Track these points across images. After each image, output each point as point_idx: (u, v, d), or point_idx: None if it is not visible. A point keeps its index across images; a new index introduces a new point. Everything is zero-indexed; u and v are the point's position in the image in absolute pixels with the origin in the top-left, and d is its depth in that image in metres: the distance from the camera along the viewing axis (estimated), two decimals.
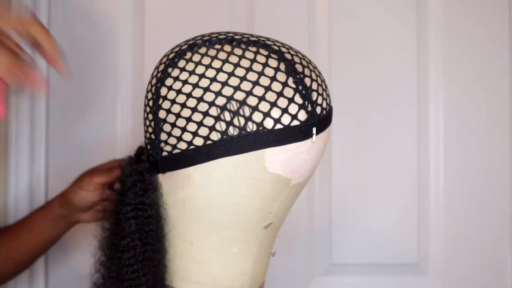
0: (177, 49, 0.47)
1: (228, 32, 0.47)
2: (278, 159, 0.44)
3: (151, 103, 0.47)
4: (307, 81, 0.45)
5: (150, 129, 0.47)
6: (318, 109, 0.45)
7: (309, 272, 1.02)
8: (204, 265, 0.48)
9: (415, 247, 1.02)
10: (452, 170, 1.01)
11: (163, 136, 0.45)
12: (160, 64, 0.48)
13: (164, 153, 0.46)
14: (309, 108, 0.44)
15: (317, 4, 1.03)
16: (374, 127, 1.01)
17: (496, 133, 1.01)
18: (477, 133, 1.01)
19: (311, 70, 0.46)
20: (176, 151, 0.45)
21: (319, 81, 0.46)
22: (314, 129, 0.44)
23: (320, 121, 0.45)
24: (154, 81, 0.47)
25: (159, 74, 0.46)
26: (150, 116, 0.47)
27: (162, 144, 0.45)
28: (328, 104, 0.47)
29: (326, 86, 0.48)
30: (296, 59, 0.46)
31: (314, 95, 0.45)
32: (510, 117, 1.01)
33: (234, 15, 1.02)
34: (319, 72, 0.48)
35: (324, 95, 0.46)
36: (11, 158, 0.99)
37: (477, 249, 1.01)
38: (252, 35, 0.47)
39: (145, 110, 0.48)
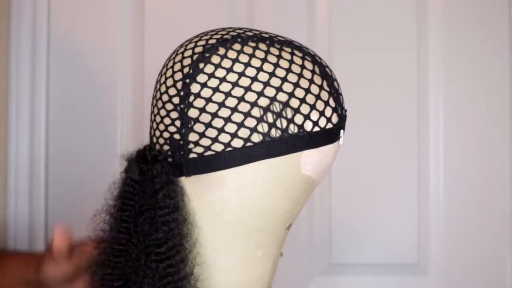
0: (202, 42, 0.44)
1: (244, 28, 0.46)
2: (311, 161, 0.44)
3: (176, 100, 0.43)
4: (336, 84, 0.46)
5: (172, 129, 0.43)
6: (344, 113, 0.47)
7: (309, 272, 1.02)
8: (227, 271, 0.46)
9: (415, 247, 1.02)
10: (452, 170, 1.01)
11: (193, 137, 0.42)
12: (184, 58, 0.44)
13: (193, 155, 0.42)
14: (339, 111, 0.46)
15: (317, 5, 1.03)
16: (374, 127, 1.01)
17: (496, 133, 1.01)
18: (477, 133, 1.01)
19: (334, 74, 0.47)
20: (209, 153, 0.42)
21: (339, 85, 0.48)
22: (342, 132, 0.46)
23: (344, 124, 0.47)
24: (178, 76, 0.43)
25: (186, 69, 0.43)
26: (174, 114, 0.43)
27: (191, 145, 0.42)
28: (345, 108, 0.49)
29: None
30: (324, 63, 0.46)
31: (341, 99, 0.47)
32: (510, 117, 1.01)
33: (234, 13, 1.02)
34: None
35: (342, 99, 0.48)
36: (11, 160, 0.99)
37: (477, 249, 1.01)
38: (276, 35, 0.46)
39: (162, 107, 0.44)
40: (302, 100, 0.42)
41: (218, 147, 0.42)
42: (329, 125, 0.44)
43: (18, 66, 1.00)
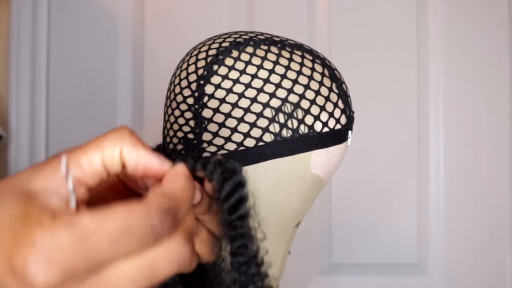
0: (216, 45, 0.45)
1: (255, 32, 0.47)
2: (320, 161, 0.45)
3: (190, 100, 0.44)
4: (344, 87, 0.48)
5: (186, 128, 0.44)
6: (352, 114, 0.49)
7: (309, 272, 1.02)
8: None
9: (415, 247, 1.02)
10: (452, 170, 1.01)
11: (207, 136, 0.43)
12: (198, 60, 0.45)
13: (206, 154, 0.44)
14: (347, 113, 0.48)
15: (317, 5, 1.03)
16: (374, 127, 1.01)
17: (496, 133, 1.01)
18: (477, 133, 1.01)
19: (342, 77, 0.49)
20: (222, 152, 0.43)
21: (347, 88, 0.49)
22: (350, 133, 0.48)
23: (352, 125, 0.49)
24: (193, 77, 0.44)
25: (201, 71, 0.44)
26: (188, 115, 0.44)
27: (205, 145, 0.43)
28: (353, 110, 0.50)
29: None
30: (333, 66, 0.48)
31: (349, 101, 0.48)
32: (510, 117, 1.01)
33: (234, 13, 1.02)
34: None
35: (351, 101, 0.50)
36: (11, 154, 0.99)
37: (477, 249, 1.01)
38: (287, 38, 0.48)
39: (176, 108, 0.45)
40: (312, 102, 0.44)
41: (231, 146, 0.43)
42: (338, 126, 0.46)
43: (18, 65, 1.00)
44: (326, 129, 0.45)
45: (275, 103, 0.43)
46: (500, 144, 1.01)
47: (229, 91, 0.43)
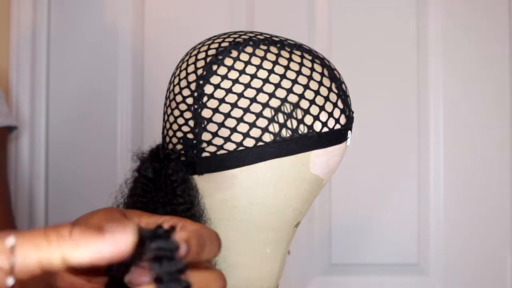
0: (215, 45, 0.45)
1: (255, 32, 0.47)
2: (320, 161, 0.45)
3: (189, 100, 0.44)
4: (344, 87, 0.48)
5: (185, 128, 0.44)
6: (351, 114, 0.49)
7: (309, 272, 1.02)
8: (237, 268, 0.47)
9: (415, 247, 1.02)
10: (452, 170, 1.01)
11: (206, 136, 0.43)
12: (198, 60, 0.45)
13: (205, 154, 0.44)
14: (347, 113, 0.47)
15: (317, 5, 1.03)
16: (374, 127, 1.01)
17: (496, 133, 1.01)
18: (477, 132, 1.01)
19: (342, 77, 0.49)
20: (221, 152, 0.43)
21: (347, 88, 0.49)
22: (350, 133, 0.48)
23: (352, 125, 0.49)
24: (192, 77, 0.44)
25: (200, 71, 0.44)
26: (188, 115, 0.44)
27: (204, 145, 0.44)
28: (352, 110, 0.50)
29: None
30: (332, 66, 0.48)
31: (349, 101, 0.48)
32: (510, 117, 1.01)
33: (234, 13, 1.02)
34: None
35: (350, 101, 0.49)
36: (11, 160, 0.99)
37: (477, 249, 1.01)
38: (286, 38, 0.47)
39: (175, 108, 0.45)
40: (312, 102, 0.44)
41: (230, 146, 0.43)
42: (338, 126, 0.46)
43: (18, 66, 1.00)
44: (325, 129, 0.45)
45: (274, 103, 0.43)
46: (500, 144, 1.01)
47: (229, 91, 0.43)
